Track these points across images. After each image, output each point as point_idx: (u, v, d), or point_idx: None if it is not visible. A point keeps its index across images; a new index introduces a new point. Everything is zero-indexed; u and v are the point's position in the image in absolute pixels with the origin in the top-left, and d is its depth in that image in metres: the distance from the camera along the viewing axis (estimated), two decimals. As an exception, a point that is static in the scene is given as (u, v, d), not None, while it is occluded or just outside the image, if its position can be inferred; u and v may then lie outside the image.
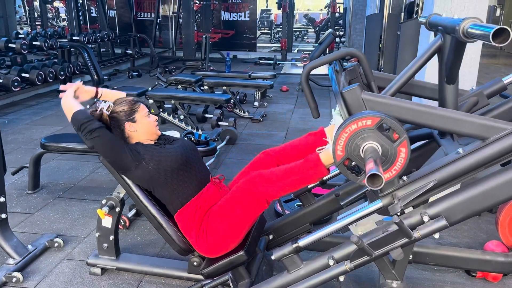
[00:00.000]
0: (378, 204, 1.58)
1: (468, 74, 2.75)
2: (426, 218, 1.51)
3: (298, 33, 16.88)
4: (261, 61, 10.13)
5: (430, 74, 2.81)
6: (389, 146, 1.40)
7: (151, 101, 4.72)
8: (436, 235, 1.55)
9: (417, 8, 5.03)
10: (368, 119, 1.39)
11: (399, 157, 1.41)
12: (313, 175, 1.83)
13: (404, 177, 1.55)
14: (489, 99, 1.91)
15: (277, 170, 1.89)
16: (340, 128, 1.42)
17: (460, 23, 1.38)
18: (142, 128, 2.11)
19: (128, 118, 2.10)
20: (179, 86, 5.54)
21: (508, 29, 1.17)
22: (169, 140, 2.23)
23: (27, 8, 10.74)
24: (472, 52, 2.72)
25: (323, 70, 9.23)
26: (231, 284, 1.90)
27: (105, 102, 2.17)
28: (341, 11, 15.65)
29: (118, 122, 2.11)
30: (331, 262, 1.66)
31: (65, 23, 14.60)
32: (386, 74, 2.08)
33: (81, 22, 8.81)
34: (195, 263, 2.10)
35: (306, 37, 17.03)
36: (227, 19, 11.52)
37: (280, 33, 14.11)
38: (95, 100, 2.28)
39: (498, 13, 13.77)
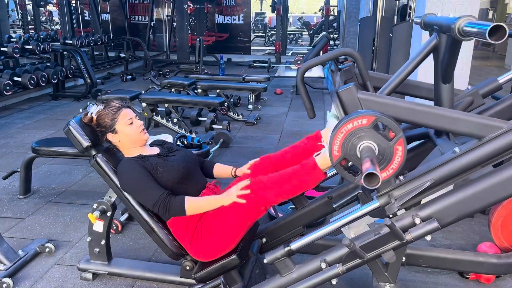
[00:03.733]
0: (375, 204, 1.58)
1: (460, 76, 2.76)
2: (417, 220, 1.51)
3: (292, 36, 16.94)
4: (255, 64, 10.14)
5: (423, 73, 2.82)
6: (386, 145, 1.39)
7: (144, 104, 4.70)
8: (428, 237, 1.54)
9: (409, 11, 5.06)
10: (364, 118, 1.38)
11: (396, 155, 1.40)
12: (311, 180, 1.83)
13: (401, 177, 1.55)
14: (484, 98, 1.91)
15: (275, 176, 1.88)
16: (336, 128, 1.42)
17: (455, 21, 1.38)
18: (125, 137, 2.09)
19: (108, 130, 2.09)
20: (173, 89, 5.53)
21: (504, 26, 1.17)
22: (171, 149, 2.20)
23: (20, 11, 10.70)
24: (464, 54, 2.73)
25: (317, 73, 9.26)
26: (223, 288, 1.89)
27: (96, 105, 2.16)
28: (335, 14, 15.72)
29: (102, 132, 2.12)
30: (323, 265, 1.66)
31: (58, 26, 14.56)
32: (382, 74, 2.09)
33: (75, 26, 8.79)
34: (187, 268, 2.08)
35: (300, 40, 17.09)
36: (221, 22, 11.54)
37: (274, 36, 14.13)
38: (88, 103, 2.26)
39: (490, 16, 13.90)
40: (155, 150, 2.16)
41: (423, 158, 1.76)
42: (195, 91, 5.61)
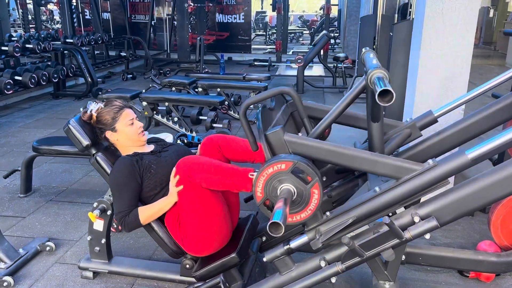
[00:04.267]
0: (304, 238, 1.66)
1: (459, 76, 2.76)
2: (417, 219, 1.52)
3: (293, 35, 16.93)
4: (255, 63, 10.13)
5: (424, 70, 2.82)
6: (303, 188, 1.50)
7: (145, 103, 4.71)
8: (427, 236, 1.55)
9: (410, 10, 5.05)
10: (283, 163, 1.50)
11: (313, 197, 1.51)
12: (239, 187, 1.86)
13: (328, 213, 1.63)
14: (421, 131, 1.99)
15: (212, 163, 1.89)
16: (259, 171, 1.52)
17: (370, 71, 1.42)
18: (124, 137, 2.13)
19: (108, 128, 2.12)
20: (173, 88, 5.53)
21: (392, 92, 1.24)
22: (164, 145, 2.24)
23: (20, 10, 10.71)
24: (464, 53, 2.73)
25: (317, 72, 9.25)
26: (222, 287, 1.90)
27: (96, 103, 2.17)
28: (336, 12, 15.70)
29: (101, 129, 2.14)
30: (322, 264, 1.66)
31: (59, 25, 14.57)
32: (324, 106, 2.14)
33: (75, 25, 8.79)
34: (187, 266, 2.09)
35: (301, 39, 17.07)
36: (221, 21, 11.53)
37: (275, 35, 14.12)
38: (88, 102, 2.27)
39: (491, 14, 13.87)
40: (150, 148, 2.20)
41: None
42: (196, 90, 5.60)
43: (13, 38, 6.85)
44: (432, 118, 1.98)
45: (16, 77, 5.57)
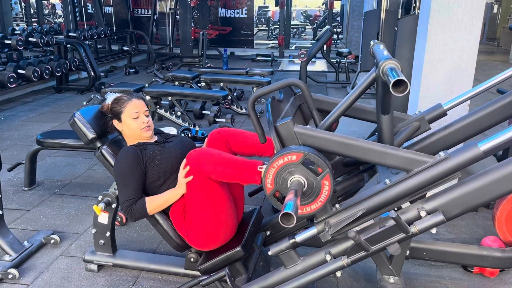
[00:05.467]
0: (313, 230, 1.66)
1: (465, 70, 2.75)
2: (423, 213, 1.51)
3: (295, 30, 16.87)
4: (258, 58, 10.11)
5: (426, 69, 2.81)
6: (314, 179, 1.49)
7: (148, 97, 4.71)
8: (434, 230, 1.55)
9: (414, 5, 5.02)
10: (293, 155, 1.48)
11: (323, 189, 1.50)
12: (247, 179, 1.85)
13: (337, 205, 1.62)
14: (430, 124, 1.97)
15: (221, 155, 1.89)
16: (269, 162, 1.51)
17: (382, 62, 1.40)
18: (127, 129, 2.13)
19: (115, 117, 2.13)
20: (176, 83, 5.52)
21: (406, 81, 1.21)
22: (167, 136, 2.24)
23: (23, 4, 10.70)
24: (469, 49, 2.72)
25: (320, 67, 9.23)
26: (228, 280, 1.90)
27: (113, 93, 2.19)
28: (339, 8, 15.64)
29: (110, 118, 2.16)
30: (328, 258, 1.66)
31: (61, 19, 14.55)
32: (332, 98, 2.13)
33: (78, 19, 8.76)
34: (192, 259, 2.09)
35: (303, 34, 17.02)
36: (224, 15, 11.49)
37: (277, 29, 14.08)
38: (92, 96, 2.29)
39: (495, 10, 13.79)
40: (154, 138, 2.20)
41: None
42: (199, 84, 5.60)
43: (16, 32, 6.84)
44: (442, 111, 1.96)
45: (19, 71, 5.57)
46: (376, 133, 2.03)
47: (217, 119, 4.94)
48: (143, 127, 2.11)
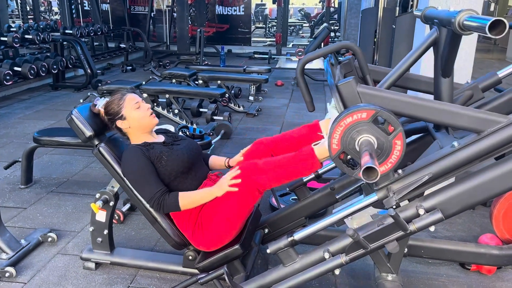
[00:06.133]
0: (373, 197, 1.58)
1: (463, 68, 2.75)
2: (421, 211, 1.51)
3: (293, 27, 16.86)
4: (255, 56, 10.09)
5: (425, 67, 2.81)
6: (385, 138, 1.39)
7: (145, 95, 4.69)
8: (432, 228, 1.55)
9: (412, 2, 5.02)
10: (363, 112, 1.38)
11: (395, 149, 1.40)
12: (306, 168, 1.82)
13: (399, 171, 1.54)
14: (484, 92, 1.90)
15: (270, 160, 1.88)
16: (336, 121, 1.41)
17: (456, 15, 1.37)
18: (134, 122, 2.07)
19: (116, 117, 2.08)
20: (174, 80, 5.51)
21: (504, 20, 1.15)
22: (176, 138, 2.19)
23: (19, 1, 10.60)
24: (467, 46, 2.72)
25: (317, 65, 9.23)
26: (226, 278, 1.89)
27: (103, 98, 2.16)
28: (336, 5, 15.62)
29: (111, 120, 2.11)
30: (326, 256, 1.66)
31: (57, 16, 14.47)
32: (381, 67, 2.07)
33: (74, 16, 8.72)
34: (190, 257, 2.09)
35: (301, 32, 17.00)
36: (221, 13, 11.47)
37: (275, 27, 14.06)
38: (89, 94, 2.26)
39: (492, 8, 13.82)
40: (161, 138, 2.15)
41: (422, 152, 1.77)
42: (196, 82, 5.59)
43: (12, 29, 6.80)
44: (497, 79, 1.89)
45: (16, 68, 5.54)
46: None
47: (215, 117, 4.93)
48: (150, 114, 2.08)
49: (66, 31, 6.94)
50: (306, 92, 1.66)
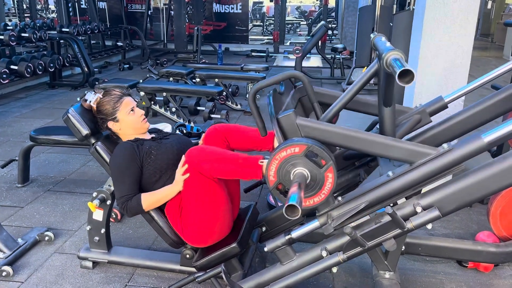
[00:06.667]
0: (315, 223, 1.64)
1: (460, 66, 2.75)
2: (419, 209, 1.51)
3: (290, 25, 16.82)
4: (253, 54, 10.08)
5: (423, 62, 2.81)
6: (317, 171, 1.47)
7: (142, 93, 4.68)
8: (429, 226, 1.55)
9: (409, 0, 5.02)
10: (296, 147, 1.47)
11: (327, 181, 1.49)
12: (248, 175, 1.85)
13: (339, 198, 1.61)
14: (431, 116, 1.95)
15: (219, 151, 1.89)
16: (272, 154, 1.49)
17: (385, 53, 1.38)
18: (126, 125, 2.12)
19: (110, 117, 2.11)
20: (171, 79, 5.50)
21: (413, 71, 1.20)
22: (165, 133, 2.24)
23: (15, -1, 10.56)
24: (465, 44, 2.72)
25: (315, 63, 9.22)
26: (223, 276, 1.89)
27: (94, 93, 2.15)
28: (333, 3, 15.61)
29: (102, 119, 2.13)
30: (324, 254, 1.66)
31: (54, 14, 14.41)
32: (333, 91, 2.11)
33: (71, 14, 8.69)
34: (187, 256, 2.09)
35: (298, 30, 16.98)
36: (219, 11, 11.43)
37: (272, 25, 14.05)
38: (86, 92, 2.25)
39: (489, 6, 13.84)
40: (151, 136, 2.20)
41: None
42: (193, 80, 5.58)
43: (8, 27, 6.76)
44: (443, 104, 1.94)
45: (12, 66, 5.51)
46: (375, 127, 2.02)
47: (212, 115, 4.92)
48: (142, 119, 2.14)
49: (63, 29, 6.90)
50: (258, 117, 1.71)
